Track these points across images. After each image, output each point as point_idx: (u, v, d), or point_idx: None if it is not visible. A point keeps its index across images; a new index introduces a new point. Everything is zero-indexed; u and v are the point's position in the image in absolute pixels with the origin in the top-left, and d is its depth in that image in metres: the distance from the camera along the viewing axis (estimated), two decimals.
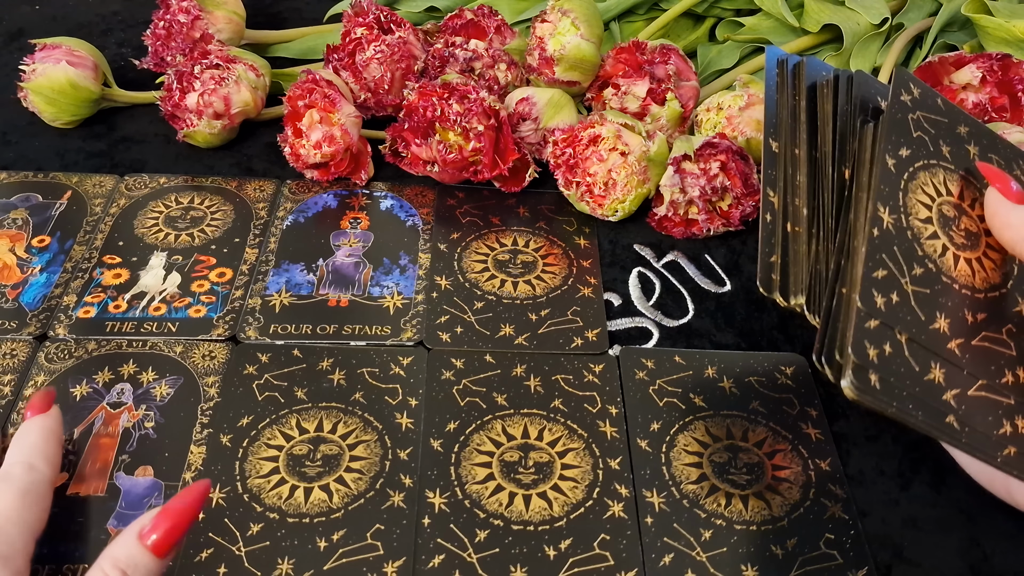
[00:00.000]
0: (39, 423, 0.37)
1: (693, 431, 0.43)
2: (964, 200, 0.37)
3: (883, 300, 0.33)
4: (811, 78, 0.40)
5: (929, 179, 0.36)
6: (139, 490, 0.39)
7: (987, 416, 0.33)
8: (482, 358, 0.46)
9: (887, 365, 0.32)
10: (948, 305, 0.34)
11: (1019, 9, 0.61)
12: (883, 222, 0.34)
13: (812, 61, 0.41)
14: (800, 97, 0.40)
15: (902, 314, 0.33)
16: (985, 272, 0.36)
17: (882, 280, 0.33)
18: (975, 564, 0.39)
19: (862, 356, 0.31)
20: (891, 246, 0.34)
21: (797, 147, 0.39)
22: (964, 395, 0.33)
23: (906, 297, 0.33)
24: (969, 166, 0.38)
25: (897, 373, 0.32)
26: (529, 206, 0.55)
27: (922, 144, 0.37)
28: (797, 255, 0.37)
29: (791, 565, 0.38)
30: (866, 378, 0.31)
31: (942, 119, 0.38)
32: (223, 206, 0.54)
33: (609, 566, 0.37)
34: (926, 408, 0.32)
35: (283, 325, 0.47)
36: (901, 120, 0.37)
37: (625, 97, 0.57)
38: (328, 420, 0.42)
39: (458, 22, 0.61)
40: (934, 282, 0.34)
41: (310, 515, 0.39)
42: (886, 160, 0.35)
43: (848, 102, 0.39)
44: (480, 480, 0.40)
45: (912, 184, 0.36)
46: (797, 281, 0.37)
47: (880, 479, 0.42)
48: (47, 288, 0.48)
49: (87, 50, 0.59)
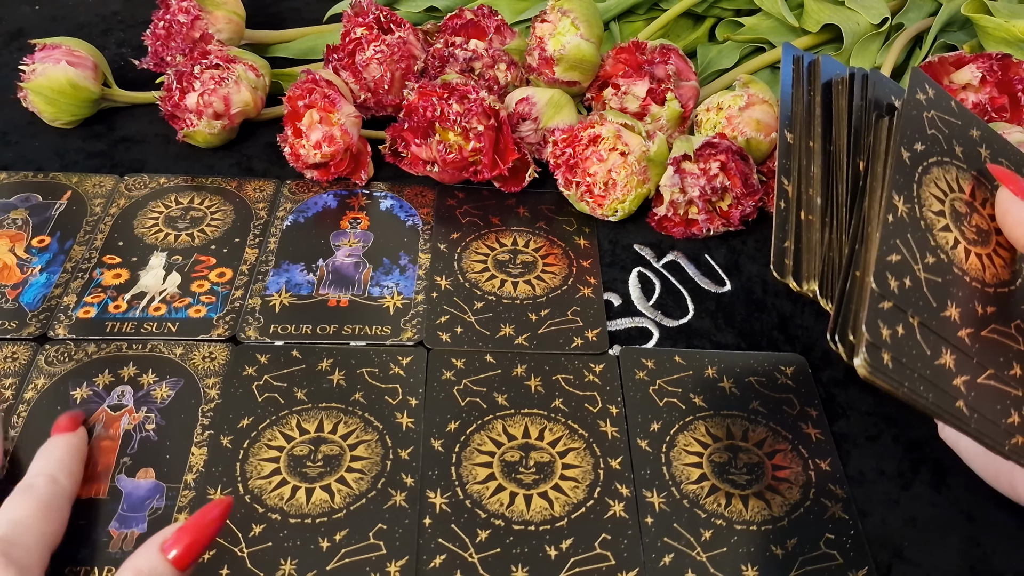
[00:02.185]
0: (66, 440, 0.38)
1: (693, 431, 0.43)
2: (976, 199, 0.37)
3: (896, 283, 0.33)
4: (826, 76, 0.41)
5: (942, 175, 0.37)
6: (140, 492, 0.39)
7: (996, 404, 0.34)
8: (482, 358, 0.46)
9: (899, 346, 0.32)
10: (959, 295, 0.35)
11: (1019, 9, 0.61)
12: (897, 210, 0.35)
13: (827, 59, 0.41)
14: (815, 93, 0.40)
15: (914, 299, 0.33)
16: (995, 268, 0.36)
17: (896, 264, 0.33)
18: (975, 564, 0.39)
19: (876, 335, 0.32)
20: (905, 233, 0.34)
21: (812, 140, 0.39)
22: (974, 382, 0.33)
23: (918, 283, 0.34)
24: (981, 167, 0.38)
25: (909, 355, 0.32)
26: (529, 206, 0.55)
27: (936, 142, 0.37)
28: (810, 242, 0.37)
29: (791, 565, 0.38)
30: (879, 357, 0.32)
31: (955, 121, 0.39)
32: (223, 206, 0.54)
33: (610, 566, 0.37)
34: (936, 391, 0.33)
35: (283, 325, 0.47)
36: (916, 116, 0.37)
37: (625, 97, 0.57)
38: (328, 420, 0.42)
39: (458, 22, 0.61)
40: (945, 272, 0.35)
41: (312, 515, 0.39)
42: (901, 152, 0.36)
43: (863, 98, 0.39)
44: (481, 480, 0.40)
45: (926, 178, 0.36)
46: (810, 267, 0.37)
47: (880, 479, 0.42)
48: (47, 288, 0.48)
49: (87, 50, 0.59)
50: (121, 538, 0.37)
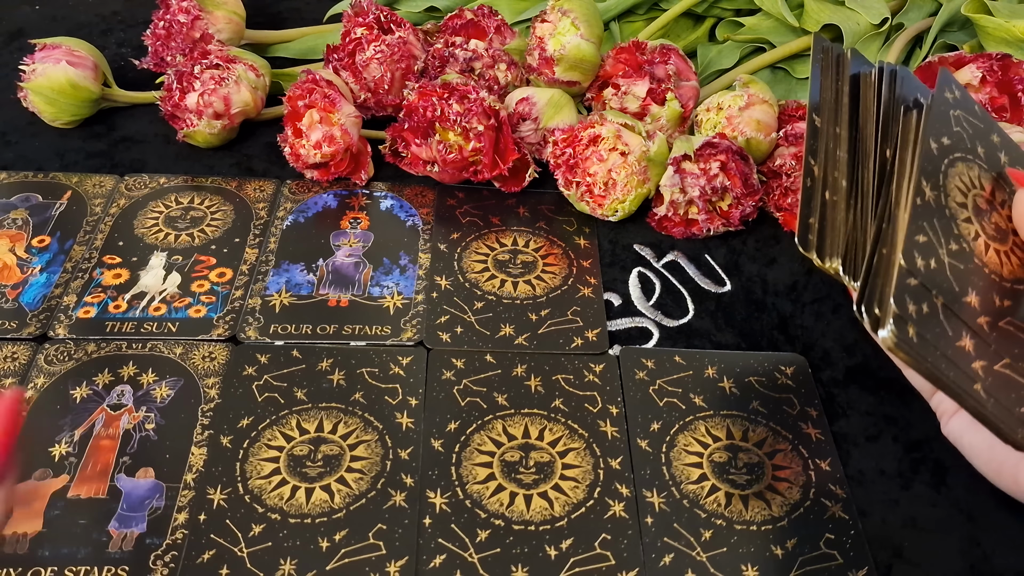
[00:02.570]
0: None
1: (693, 431, 0.43)
2: (995, 199, 0.38)
3: (923, 263, 0.34)
4: (855, 68, 0.41)
5: (966, 171, 0.37)
6: (140, 492, 0.39)
7: (1010, 393, 0.34)
8: (482, 358, 0.46)
9: (924, 323, 0.33)
10: (979, 284, 0.35)
11: (1019, 9, 0.61)
12: (925, 194, 0.35)
13: (856, 54, 0.42)
14: (843, 83, 0.41)
15: (939, 280, 0.34)
16: (1012, 266, 0.37)
17: (923, 245, 0.34)
18: (975, 564, 0.39)
19: (903, 307, 0.32)
20: (931, 217, 0.35)
21: (839, 127, 0.40)
22: (991, 368, 0.34)
23: (943, 266, 0.34)
24: (1001, 170, 0.39)
25: (932, 332, 0.33)
26: (529, 206, 0.55)
27: (961, 139, 0.38)
28: (835, 222, 0.37)
29: (791, 565, 0.38)
30: (905, 329, 0.32)
31: (978, 123, 0.40)
32: (223, 206, 0.54)
33: (610, 566, 0.37)
34: (956, 371, 0.33)
35: (283, 325, 0.47)
36: (944, 112, 0.38)
37: (625, 97, 0.57)
38: (328, 420, 0.42)
39: (458, 22, 0.61)
40: (967, 260, 0.35)
41: (312, 515, 0.39)
42: (930, 142, 0.36)
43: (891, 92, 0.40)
44: (481, 480, 0.40)
45: (951, 171, 0.37)
46: (834, 245, 0.37)
47: (880, 479, 0.42)
48: (47, 288, 0.48)
49: (87, 50, 0.59)
50: (121, 538, 0.37)
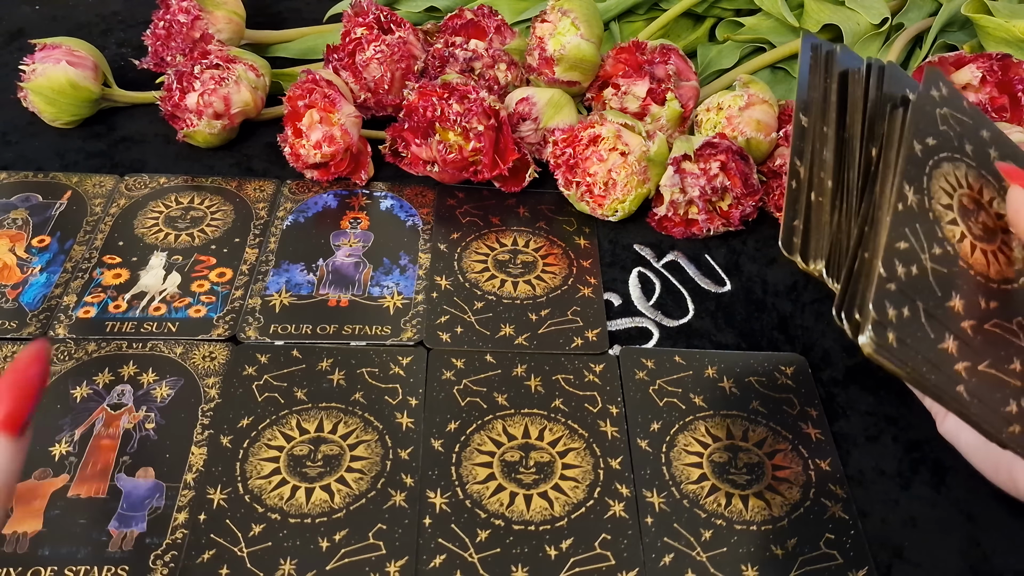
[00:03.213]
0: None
1: (693, 431, 0.43)
2: (983, 196, 0.38)
3: (903, 270, 0.33)
4: (843, 65, 0.41)
5: (952, 171, 0.37)
6: (140, 492, 0.39)
7: (995, 393, 0.34)
8: (482, 358, 0.46)
9: (904, 328, 0.33)
10: (963, 288, 0.35)
11: (1019, 9, 0.61)
12: (907, 199, 0.35)
13: (845, 50, 0.42)
14: (832, 81, 0.41)
15: (920, 286, 0.34)
16: (999, 266, 0.37)
17: (904, 251, 0.34)
18: (975, 564, 0.39)
19: (882, 313, 0.32)
20: (913, 223, 0.35)
21: (826, 126, 0.40)
22: (975, 369, 0.34)
23: (925, 272, 0.34)
24: (990, 167, 0.39)
25: (913, 336, 0.33)
26: (529, 206, 0.55)
27: (947, 138, 0.38)
28: (819, 223, 0.38)
29: (791, 565, 0.38)
30: (884, 335, 0.32)
31: (967, 120, 0.39)
32: (223, 206, 0.54)
33: (610, 566, 0.37)
34: (939, 374, 0.33)
35: (283, 325, 0.47)
36: (929, 111, 0.38)
37: (625, 97, 0.57)
38: (328, 420, 0.42)
39: (458, 22, 0.61)
40: (951, 264, 0.35)
41: (312, 515, 0.39)
42: (913, 144, 0.36)
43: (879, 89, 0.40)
44: (481, 480, 0.40)
45: (936, 172, 0.37)
46: (818, 247, 0.37)
47: (880, 479, 0.42)
48: (47, 288, 0.48)
49: (87, 50, 0.59)
50: (121, 537, 0.37)
